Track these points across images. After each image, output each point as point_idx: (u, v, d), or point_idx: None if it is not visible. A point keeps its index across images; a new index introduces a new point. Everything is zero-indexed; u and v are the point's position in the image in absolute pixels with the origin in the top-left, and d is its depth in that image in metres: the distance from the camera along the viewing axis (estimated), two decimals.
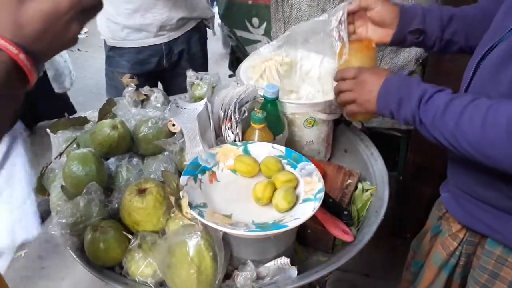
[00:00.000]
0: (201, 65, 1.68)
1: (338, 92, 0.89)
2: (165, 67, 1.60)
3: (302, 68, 1.09)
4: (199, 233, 0.74)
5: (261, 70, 1.08)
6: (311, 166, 0.86)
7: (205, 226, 0.75)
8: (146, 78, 1.56)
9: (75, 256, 0.87)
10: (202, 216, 0.73)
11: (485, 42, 0.77)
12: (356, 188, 1.02)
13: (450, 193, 0.91)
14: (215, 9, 2.14)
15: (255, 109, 0.96)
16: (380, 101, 0.80)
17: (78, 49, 2.84)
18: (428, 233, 1.00)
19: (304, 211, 0.76)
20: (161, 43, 1.53)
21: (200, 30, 1.65)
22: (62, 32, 0.48)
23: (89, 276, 1.98)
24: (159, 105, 1.16)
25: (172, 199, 0.77)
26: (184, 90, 1.33)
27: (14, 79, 0.45)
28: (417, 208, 1.58)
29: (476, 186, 0.81)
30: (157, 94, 1.22)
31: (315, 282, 1.54)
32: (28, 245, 2.00)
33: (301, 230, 0.88)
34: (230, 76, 2.23)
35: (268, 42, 1.78)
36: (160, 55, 1.56)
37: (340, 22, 0.91)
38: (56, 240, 2.05)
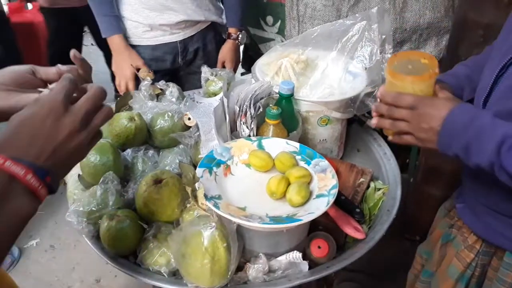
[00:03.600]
0: (216, 63, 1.68)
1: (388, 117, 0.76)
2: (180, 65, 1.61)
3: (318, 67, 1.10)
4: (214, 224, 0.75)
5: (277, 67, 1.09)
6: (325, 162, 0.87)
7: (220, 218, 0.76)
8: (161, 75, 1.57)
9: (90, 244, 0.88)
10: (217, 208, 0.74)
11: (498, 58, 0.75)
12: (368, 186, 1.02)
13: (466, 204, 0.89)
14: None
15: (270, 105, 0.97)
16: (442, 142, 0.69)
17: (92, 44, 2.87)
18: (439, 241, 0.99)
19: (318, 206, 0.76)
20: (176, 41, 1.54)
21: (215, 28, 1.66)
22: (58, 136, 0.49)
23: (99, 266, 2.01)
24: (174, 99, 1.18)
25: (189, 189, 0.78)
26: (199, 88, 1.34)
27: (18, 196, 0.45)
28: (426, 211, 1.57)
29: (498, 201, 0.80)
30: (172, 89, 1.23)
31: (322, 281, 1.55)
32: (40, 235, 2.04)
33: (313, 227, 0.89)
34: (242, 74, 2.24)
35: (282, 41, 1.79)
36: (175, 53, 1.56)
37: None
38: (67, 233, 2.08)
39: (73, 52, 0.60)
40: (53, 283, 1.83)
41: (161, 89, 1.22)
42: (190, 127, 1.01)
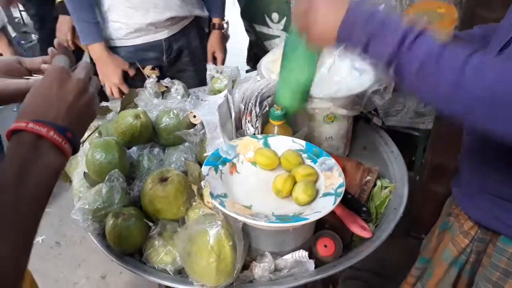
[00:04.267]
0: (202, 59, 1.64)
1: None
2: (165, 63, 1.57)
3: (324, 63, 1.09)
4: (219, 222, 0.75)
5: None
6: (331, 161, 0.86)
7: (226, 216, 0.76)
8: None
9: (96, 242, 0.88)
10: (223, 206, 0.74)
11: (500, 37, 0.75)
12: (375, 185, 1.01)
13: (461, 188, 0.90)
14: None
15: (275, 105, 0.96)
16: (342, 32, 0.65)
17: None
18: (436, 229, 1.00)
19: (325, 205, 0.76)
20: (161, 39, 1.51)
21: (198, 23, 1.63)
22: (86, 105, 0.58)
23: (105, 263, 2.02)
24: (179, 97, 1.17)
25: (195, 187, 0.78)
26: (187, 85, 1.31)
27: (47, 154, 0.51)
28: (432, 209, 1.56)
29: (493, 183, 0.80)
30: (177, 86, 1.23)
31: (328, 279, 1.55)
32: (46, 232, 2.05)
33: (319, 225, 0.89)
34: (247, 71, 2.23)
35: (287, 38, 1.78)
36: (160, 52, 1.53)
37: None
38: (73, 229, 2.09)
39: (57, 41, 0.66)
40: (58, 279, 1.84)
41: (166, 87, 1.22)
42: (195, 125, 1.00)
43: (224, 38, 1.70)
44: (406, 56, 0.60)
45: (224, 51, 1.72)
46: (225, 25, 1.65)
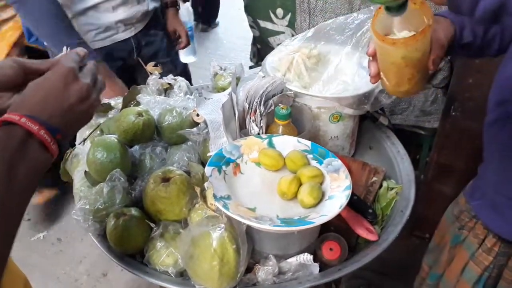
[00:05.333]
0: (172, 47, 1.67)
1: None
2: (135, 61, 1.54)
3: (330, 62, 1.07)
4: (223, 225, 0.73)
5: (288, 62, 1.06)
6: (338, 162, 0.84)
7: (229, 218, 0.74)
8: (120, 73, 1.48)
9: (97, 242, 0.87)
10: (227, 208, 0.72)
11: None
12: (381, 186, 0.99)
13: (484, 199, 0.86)
14: None
15: (280, 104, 0.94)
16: None
17: None
18: (447, 245, 0.96)
19: (330, 208, 0.74)
20: (129, 37, 1.49)
21: (156, 14, 1.61)
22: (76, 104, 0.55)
23: (106, 260, 2.00)
24: (182, 94, 1.15)
25: (198, 189, 0.76)
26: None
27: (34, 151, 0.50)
28: (437, 209, 1.54)
29: None
30: (180, 83, 1.21)
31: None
32: (47, 229, 2.04)
33: (324, 228, 0.87)
34: (250, 67, 2.20)
35: (292, 34, 1.76)
36: (130, 49, 1.51)
37: None
38: (74, 226, 2.09)
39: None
40: (60, 276, 1.83)
41: (169, 84, 1.20)
42: (198, 123, 0.98)
43: (178, 13, 1.71)
44: None
45: (183, 24, 1.73)
46: (177, 1, 1.66)
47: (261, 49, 2.04)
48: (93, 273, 1.84)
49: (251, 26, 2.02)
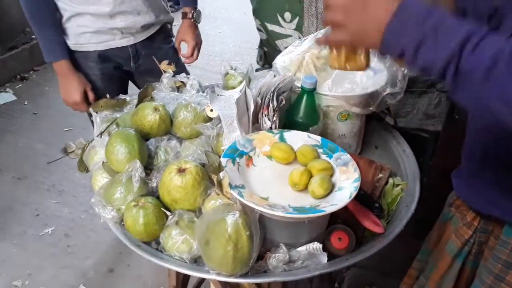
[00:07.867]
0: (175, 60, 1.58)
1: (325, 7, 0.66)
2: (133, 70, 1.55)
3: None
4: (237, 212, 0.76)
5: (299, 62, 1.10)
6: (347, 156, 0.88)
7: (243, 206, 0.78)
8: (116, 80, 1.53)
9: (114, 230, 0.90)
10: (242, 196, 0.76)
11: None
12: (387, 182, 1.03)
13: (462, 178, 0.90)
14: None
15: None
16: (390, 33, 0.57)
17: None
18: (438, 222, 1.00)
19: (341, 198, 0.78)
20: (127, 46, 1.48)
21: (165, 29, 1.60)
22: None
23: (113, 255, 2.03)
24: (194, 92, 1.19)
25: (214, 178, 0.80)
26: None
27: None
28: (439, 211, 1.57)
29: (497, 170, 0.80)
30: (192, 82, 1.25)
31: (334, 277, 1.56)
32: (55, 224, 2.07)
33: (332, 221, 0.90)
34: (257, 70, 2.24)
35: (299, 37, 1.79)
36: (127, 57, 1.50)
37: None
38: (82, 221, 2.11)
39: None
40: (67, 271, 1.86)
41: (182, 82, 1.24)
42: (212, 118, 1.02)
43: (195, 26, 1.68)
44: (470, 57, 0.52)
45: (197, 39, 1.68)
46: (194, 14, 1.63)
47: (268, 52, 2.08)
48: (100, 269, 1.87)
49: (258, 29, 2.06)
